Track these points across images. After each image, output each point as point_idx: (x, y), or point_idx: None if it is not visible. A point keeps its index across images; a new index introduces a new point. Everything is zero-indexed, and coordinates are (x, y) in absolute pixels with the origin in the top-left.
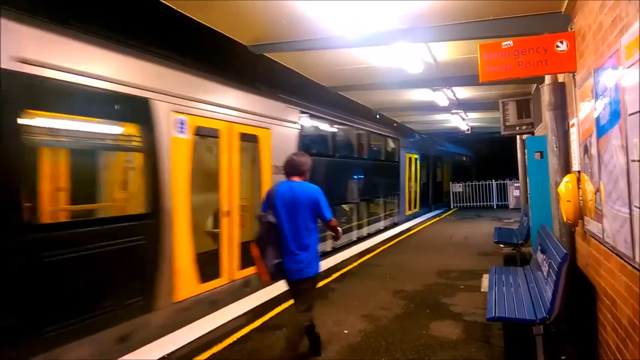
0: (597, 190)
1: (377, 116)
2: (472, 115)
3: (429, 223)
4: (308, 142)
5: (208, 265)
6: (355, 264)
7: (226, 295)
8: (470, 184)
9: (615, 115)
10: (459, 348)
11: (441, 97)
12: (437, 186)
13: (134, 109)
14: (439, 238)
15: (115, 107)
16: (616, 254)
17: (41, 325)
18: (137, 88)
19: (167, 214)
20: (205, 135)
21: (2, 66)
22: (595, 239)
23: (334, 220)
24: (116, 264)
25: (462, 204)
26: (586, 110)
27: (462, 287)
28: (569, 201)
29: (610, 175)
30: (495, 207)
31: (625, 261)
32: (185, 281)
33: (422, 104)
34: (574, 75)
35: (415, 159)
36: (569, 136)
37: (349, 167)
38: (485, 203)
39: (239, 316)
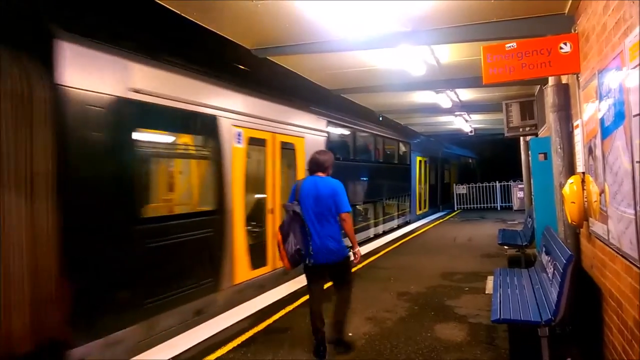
0: (602, 192)
1: (380, 118)
2: (476, 117)
3: (432, 225)
4: (333, 148)
5: (257, 255)
6: (360, 266)
7: (270, 281)
8: (474, 185)
9: (620, 116)
10: (464, 350)
11: (444, 99)
12: (445, 187)
13: (207, 124)
14: (443, 240)
15: (196, 123)
16: (621, 255)
17: (143, 298)
18: (209, 107)
19: (229, 211)
20: (255, 145)
21: (121, 95)
22: (600, 241)
23: (349, 216)
24: (195, 251)
25: (466, 206)
26: (590, 112)
27: (467, 289)
28: (574, 203)
29: (615, 176)
30: (499, 208)
31: (631, 262)
32: (241, 267)
33: (425, 106)
34: (577, 77)
35: (425, 161)
36: (573, 137)
37: (368, 170)
38: (489, 205)
39: (283, 297)
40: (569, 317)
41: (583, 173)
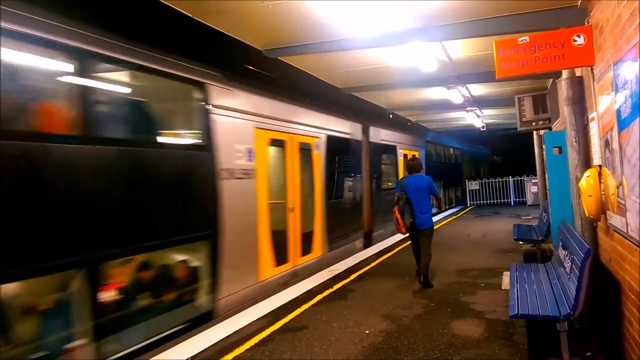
0: (620, 184)
1: (391, 116)
2: (488, 112)
3: (445, 222)
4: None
5: (379, 220)
6: (374, 263)
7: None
8: (486, 181)
9: (637, 108)
10: (482, 346)
11: (456, 95)
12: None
13: (393, 151)
14: (457, 236)
15: (390, 150)
16: None
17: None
18: (399, 143)
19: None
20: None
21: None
22: (619, 233)
23: (440, 196)
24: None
25: (479, 202)
26: (606, 104)
27: (483, 285)
28: (591, 196)
29: (633, 168)
30: (512, 203)
31: None
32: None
33: (437, 102)
34: (592, 69)
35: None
36: (589, 130)
37: (440, 170)
38: (502, 200)
39: (299, 295)
40: (587, 311)
41: (599, 166)
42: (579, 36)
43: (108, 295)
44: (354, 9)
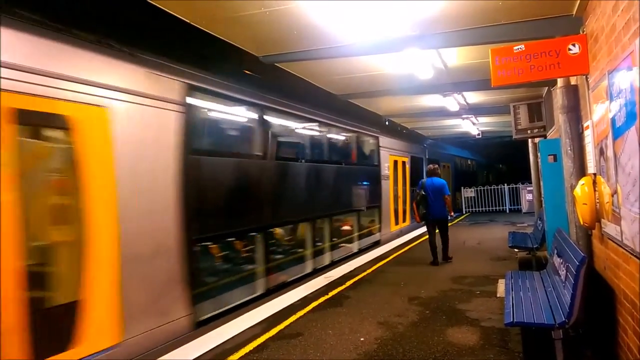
0: (614, 193)
1: (387, 122)
2: (483, 119)
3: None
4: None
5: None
6: (369, 270)
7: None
8: (482, 188)
9: (632, 116)
10: (477, 354)
11: (452, 102)
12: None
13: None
14: (452, 243)
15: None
16: (636, 256)
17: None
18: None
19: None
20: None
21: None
22: (613, 242)
23: (449, 196)
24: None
25: (474, 209)
26: (601, 113)
27: (478, 292)
28: (585, 204)
29: (627, 177)
30: (507, 211)
31: None
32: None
33: (433, 110)
34: (586, 78)
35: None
36: (584, 139)
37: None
38: (497, 207)
39: (294, 302)
40: (582, 319)
41: (594, 174)
42: (574, 45)
43: (347, 228)
44: (351, 16)
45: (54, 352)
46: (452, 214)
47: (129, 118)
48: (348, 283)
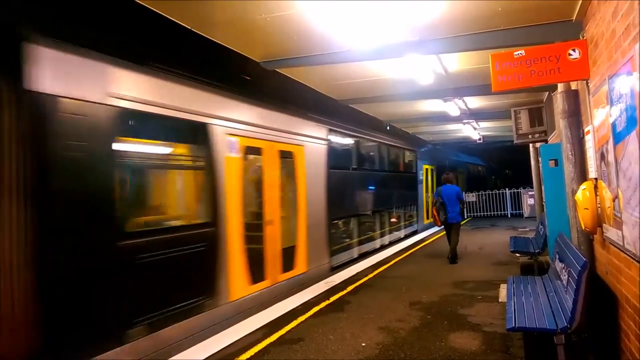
0: (616, 197)
1: (388, 127)
2: (484, 124)
3: (443, 233)
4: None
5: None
6: (371, 275)
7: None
8: (483, 193)
9: (632, 121)
10: (479, 359)
11: (452, 108)
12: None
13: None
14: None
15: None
16: (637, 261)
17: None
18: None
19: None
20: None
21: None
22: (615, 247)
23: (463, 200)
24: None
25: (476, 214)
26: (601, 117)
27: (480, 297)
28: (587, 209)
29: (629, 181)
30: (509, 216)
31: None
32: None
33: (433, 115)
34: (587, 83)
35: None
36: (584, 143)
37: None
38: (499, 212)
39: (296, 307)
40: (584, 324)
41: (595, 179)
42: (574, 50)
43: (395, 220)
44: (351, 22)
45: (288, 270)
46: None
47: (309, 150)
48: (349, 288)
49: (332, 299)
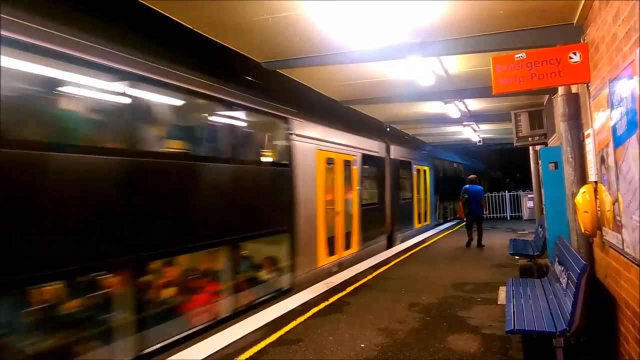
0: (616, 201)
1: (388, 129)
2: (484, 126)
3: (442, 235)
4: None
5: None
6: (370, 277)
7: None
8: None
9: (633, 125)
10: None
11: (453, 110)
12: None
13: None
14: (453, 250)
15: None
16: (636, 264)
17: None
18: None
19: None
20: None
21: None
22: (615, 250)
23: (484, 200)
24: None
25: None
26: (602, 121)
27: (479, 299)
28: (587, 212)
29: (628, 185)
30: (508, 218)
31: None
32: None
33: (434, 116)
34: (587, 86)
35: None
36: (584, 147)
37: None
38: (498, 214)
39: (295, 307)
40: (583, 327)
41: (595, 182)
42: (575, 53)
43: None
44: (353, 23)
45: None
46: (487, 212)
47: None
48: (349, 289)
49: (332, 299)
